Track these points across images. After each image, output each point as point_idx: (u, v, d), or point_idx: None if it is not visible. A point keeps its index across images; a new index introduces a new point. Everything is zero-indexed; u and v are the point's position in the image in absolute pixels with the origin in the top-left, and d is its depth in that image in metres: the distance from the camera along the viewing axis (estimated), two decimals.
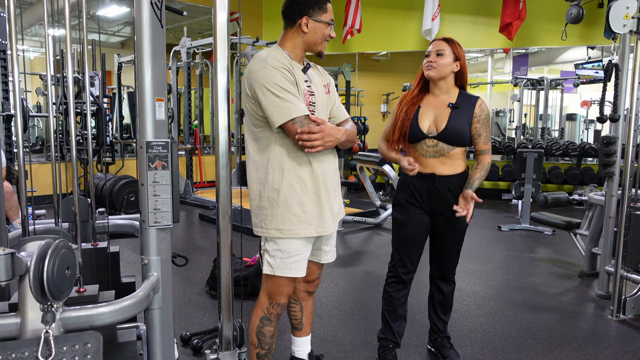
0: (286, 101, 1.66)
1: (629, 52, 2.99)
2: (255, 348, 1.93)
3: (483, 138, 2.17)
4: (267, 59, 1.71)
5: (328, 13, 1.79)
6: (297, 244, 1.80)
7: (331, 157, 1.88)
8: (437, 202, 2.16)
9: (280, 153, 1.76)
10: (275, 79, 1.67)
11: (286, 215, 1.77)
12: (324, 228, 1.83)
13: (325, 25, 1.78)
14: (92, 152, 1.95)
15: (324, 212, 1.81)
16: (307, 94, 1.78)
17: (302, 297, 2.08)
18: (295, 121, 1.67)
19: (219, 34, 1.95)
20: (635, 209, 2.96)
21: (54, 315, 1.12)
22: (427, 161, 2.14)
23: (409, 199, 2.20)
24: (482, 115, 2.15)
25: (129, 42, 10.99)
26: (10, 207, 3.66)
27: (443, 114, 2.12)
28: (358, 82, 9.71)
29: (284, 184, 1.76)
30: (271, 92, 1.66)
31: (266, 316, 1.90)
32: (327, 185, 1.83)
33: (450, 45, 2.11)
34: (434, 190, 2.14)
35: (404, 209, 2.21)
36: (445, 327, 2.41)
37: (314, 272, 2.03)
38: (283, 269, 1.81)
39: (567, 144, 7.54)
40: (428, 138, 2.12)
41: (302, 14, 1.76)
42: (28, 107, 5.35)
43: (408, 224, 2.21)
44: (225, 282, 2.10)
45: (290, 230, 1.78)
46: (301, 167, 1.77)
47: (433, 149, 2.12)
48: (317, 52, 1.83)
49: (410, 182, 2.18)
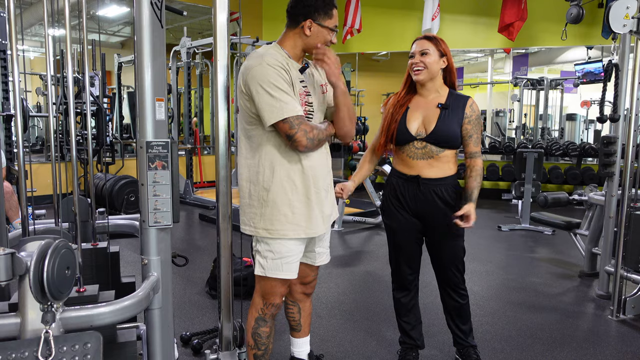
0: (280, 100, 1.64)
1: (629, 52, 2.99)
2: (252, 349, 1.93)
3: (474, 140, 2.10)
4: (264, 56, 1.69)
5: (333, 19, 1.76)
6: (288, 245, 1.79)
7: (323, 158, 1.86)
8: (422, 205, 2.09)
9: (272, 152, 1.74)
10: (271, 77, 1.64)
11: (275, 215, 1.75)
12: (313, 230, 1.81)
13: (329, 31, 1.76)
14: (92, 152, 1.95)
15: (313, 213, 1.79)
16: (303, 94, 1.76)
17: (300, 298, 2.08)
18: (287, 121, 1.65)
19: (219, 34, 1.96)
20: (635, 209, 2.96)
21: (54, 315, 1.12)
22: (413, 162, 2.07)
23: (394, 202, 2.15)
24: (473, 116, 2.08)
25: (129, 42, 10.99)
26: (10, 207, 3.66)
27: (432, 115, 2.05)
28: (358, 82, 9.70)
29: (274, 183, 1.74)
30: (265, 91, 1.64)
31: (261, 317, 1.89)
32: (318, 186, 1.81)
33: (433, 43, 2.03)
34: (418, 193, 2.08)
35: (391, 215, 2.17)
36: (467, 336, 2.28)
37: (309, 274, 2.02)
38: (275, 270, 1.79)
39: (567, 144, 7.54)
40: (416, 140, 2.05)
41: (307, 17, 1.73)
42: (28, 107, 5.36)
43: (397, 230, 2.17)
44: (225, 282, 2.10)
45: (279, 230, 1.76)
46: (292, 167, 1.74)
47: (421, 150, 2.05)
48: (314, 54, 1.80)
49: (395, 184, 2.14)
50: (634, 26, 2.70)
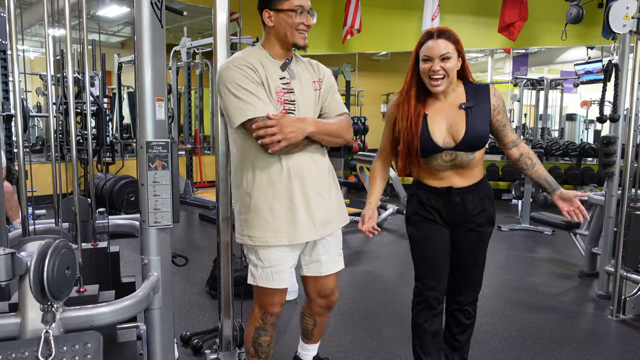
0: (244, 102, 1.58)
1: (629, 52, 2.99)
2: (252, 357, 1.87)
3: (509, 128, 1.86)
4: (233, 59, 1.66)
5: (291, 0, 1.63)
6: (277, 253, 1.70)
7: (314, 159, 1.73)
8: (454, 215, 1.87)
9: (253, 155, 1.67)
10: (236, 78, 1.60)
11: (256, 221, 1.68)
12: (298, 236, 1.69)
13: (289, 14, 1.63)
14: (92, 152, 1.95)
15: (298, 218, 1.68)
16: (282, 92, 1.67)
17: (318, 312, 1.96)
18: (253, 121, 1.58)
19: (219, 34, 1.96)
20: (635, 209, 2.96)
21: (54, 315, 1.12)
22: (442, 174, 1.83)
23: (424, 214, 1.89)
24: (500, 104, 1.83)
25: (129, 42, 10.99)
26: (10, 207, 3.66)
27: (457, 120, 1.77)
28: (358, 82, 9.70)
29: (255, 188, 1.67)
30: (230, 92, 1.60)
31: (261, 326, 1.82)
32: (306, 188, 1.69)
33: (452, 42, 1.72)
34: (451, 205, 1.85)
35: (420, 225, 1.91)
36: None
37: (325, 286, 1.89)
38: (265, 280, 1.72)
39: (567, 144, 7.54)
40: (445, 151, 1.78)
41: (263, 8, 1.67)
42: (28, 107, 5.35)
43: (429, 239, 1.90)
44: (225, 282, 2.10)
45: (259, 237, 1.68)
46: (272, 169, 1.66)
47: (450, 163, 1.79)
48: (292, 44, 1.68)
49: (423, 197, 1.89)
50: (634, 26, 2.70)
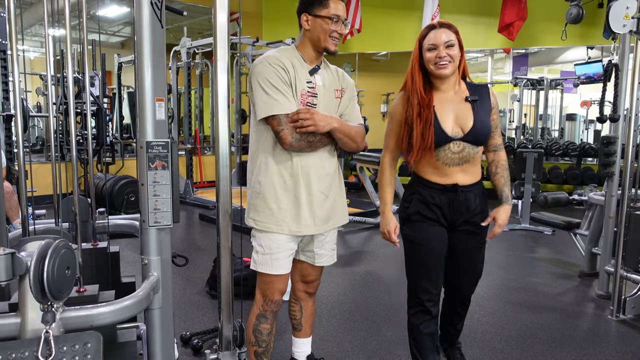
0: (272, 98, 1.71)
1: (629, 52, 2.99)
2: (253, 346, 1.95)
3: (498, 130, 1.93)
4: (268, 56, 1.77)
5: (329, 8, 1.76)
6: (276, 240, 1.82)
7: (322, 160, 1.84)
8: (457, 214, 1.89)
9: (269, 148, 1.81)
10: (268, 75, 1.72)
11: (262, 207, 1.82)
12: (299, 229, 1.82)
13: (326, 20, 1.75)
14: (92, 152, 1.95)
15: (302, 213, 1.81)
16: (306, 95, 1.80)
17: (302, 297, 2.08)
18: (275, 118, 1.72)
19: (219, 34, 1.96)
20: (635, 209, 2.96)
21: (54, 315, 1.12)
22: (449, 170, 1.85)
23: (425, 213, 1.90)
24: (497, 105, 1.92)
25: (129, 42, 10.98)
26: (10, 207, 3.66)
27: (465, 111, 1.83)
28: (358, 82, 9.69)
29: (267, 177, 1.81)
30: (261, 87, 1.73)
31: (262, 313, 1.92)
32: (312, 188, 1.81)
33: (453, 32, 1.81)
34: (455, 203, 1.87)
35: (420, 225, 1.91)
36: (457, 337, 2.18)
37: (310, 273, 2.02)
38: (264, 265, 1.84)
39: (567, 144, 7.55)
40: (453, 141, 1.81)
41: (303, 11, 1.79)
42: (28, 107, 5.35)
43: (428, 241, 1.90)
44: (225, 282, 2.10)
45: (264, 222, 1.82)
46: (283, 165, 1.80)
47: (458, 155, 1.82)
48: (323, 48, 1.80)
49: (425, 194, 1.89)
50: (634, 26, 2.70)
